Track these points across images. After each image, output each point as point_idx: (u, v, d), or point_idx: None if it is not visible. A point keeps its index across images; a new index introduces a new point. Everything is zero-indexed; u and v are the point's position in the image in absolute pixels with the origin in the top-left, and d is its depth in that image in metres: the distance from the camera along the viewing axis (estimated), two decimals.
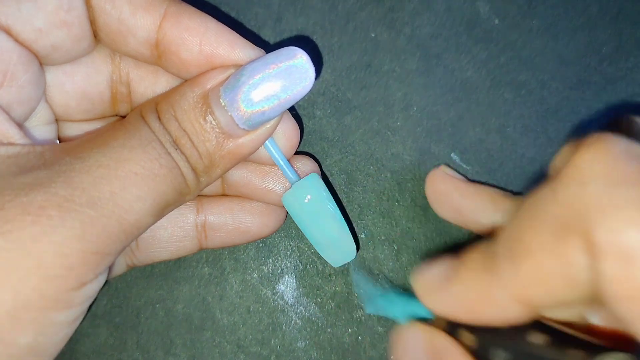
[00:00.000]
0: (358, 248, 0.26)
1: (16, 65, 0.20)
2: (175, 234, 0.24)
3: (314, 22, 0.27)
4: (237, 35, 0.21)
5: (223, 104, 0.20)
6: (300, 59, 0.20)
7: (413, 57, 0.27)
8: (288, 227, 0.27)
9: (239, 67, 0.21)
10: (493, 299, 0.18)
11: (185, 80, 0.22)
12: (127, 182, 0.19)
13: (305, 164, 0.25)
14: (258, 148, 0.22)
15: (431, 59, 0.27)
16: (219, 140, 0.21)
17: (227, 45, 0.21)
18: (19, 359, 0.18)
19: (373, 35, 0.27)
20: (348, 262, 0.26)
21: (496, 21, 0.27)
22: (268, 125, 0.21)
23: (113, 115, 0.24)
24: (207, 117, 0.21)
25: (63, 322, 0.19)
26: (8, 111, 0.20)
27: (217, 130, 0.21)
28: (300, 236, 0.27)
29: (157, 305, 0.27)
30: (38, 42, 0.20)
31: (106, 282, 0.26)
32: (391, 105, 0.27)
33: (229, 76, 0.21)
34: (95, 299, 0.23)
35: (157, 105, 0.21)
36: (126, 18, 0.21)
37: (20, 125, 0.21)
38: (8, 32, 0.20)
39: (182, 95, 0.21)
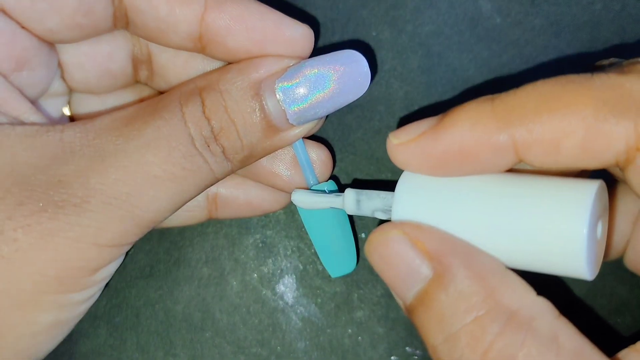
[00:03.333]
0: (358, 261, 0.26)
1: (27, 51, 0.20)
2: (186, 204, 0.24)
3: (314, 20, 0.27)
4: (281, 14, 0.21)
5: (278, 98, 0.20)
6: (361, 65, 0.21)
7: (414, 56, 0.27)
8: (288, 227, 0.27)
9: (295, 61, 0.21)
10: (494, 144, 0.18)
11: (229, 64, 0.21)
12: (145, 184, 0.19)
13: (320, 154, 0.24)
14: (297, 141, 0.22)
15: (433, 58, 0.27)
16: (265, 132, 0.21)
17: (274, 27, 0.20)
18: (42, 334, 0.19)
19: (374, 33, 0.27)
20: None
21: (498, 19, 0.27)
22: (313, 122, 0.22)
23: (134, 83, 0.24)
24: (258, 109, 0.20)
25: (81, 300, 0.20)
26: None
27: (265, 122, 0.20)
28: (301, 236, 0.27)
29: (157, 306, 0.27)
30: (47, 37, 0.20)
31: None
32: (392, 104, 0.27)
33: (285, 68, 0.21)
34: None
35: (201, 93, 0.20)
36: (165, 16, 0.20)
37: (32, 101, 0.21)
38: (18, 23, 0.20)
39: (232, 83, 0.20)
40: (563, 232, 0.17)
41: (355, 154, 0.27)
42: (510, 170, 0.20)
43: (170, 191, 0.19)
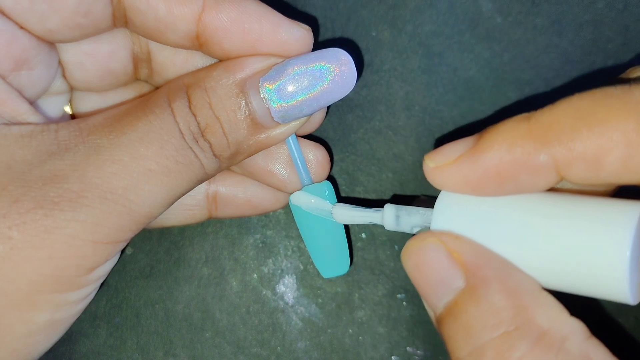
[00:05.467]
0: (351, 264, 0.26)
1: (26, 51, 0.20)
2: (185, 202, 0.24)
3: (314, 20, 0.27)
4: (280, 15, 0.21)
5: (262, 96, 0.20)
6: (347, 64, 0.21)
7: (415, 56, 0.27)
8: (288, 227, 0.27)
9: (281, 59, 0.21)
10: (533, 164, 0.18)
11: (219, 61, 0.22)
12: (141, 178, 0.19)
13: (317, 154, 0.24)
14: (284, 139, 0.22)
15: (433, 58, 0.27)
16: (250, 130, 0.21)
17: (271, 29, 0.21)
18: (38, 333, 0.19)
19: (374, 33, 0.27)
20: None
21: (499, 19, 0.27)
22: (299, 120, 0.22)
23: (134, 81, 0.24)
24: (243, 107, 0.20)
25: (77, 299, 0.20)
26: (20, 92, 0.20)
27: (250, 120, 0.21)
28: (301, 236, 0.27)
29: (157, 306, 0.27)
30: (47, 38, 0.20)
31: (105, 281, 0.26)
32: (393, 104, 0.27)
33: (270, 66, 0.21)
34: (95, 300, 0.23)
35: (188, 89, 0.20)
36: (163, 16, 0.20)
37: (32, 101, 0.21)
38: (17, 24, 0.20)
39: (217, 81, 0.20)
40: (605, 255, 0.17)
41: (356, 154, 0.27)
42: (551, 189, 0.19)
43: (164, 185, 0.20)
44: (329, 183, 0.24)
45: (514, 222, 0.19)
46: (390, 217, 0.22)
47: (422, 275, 0.19)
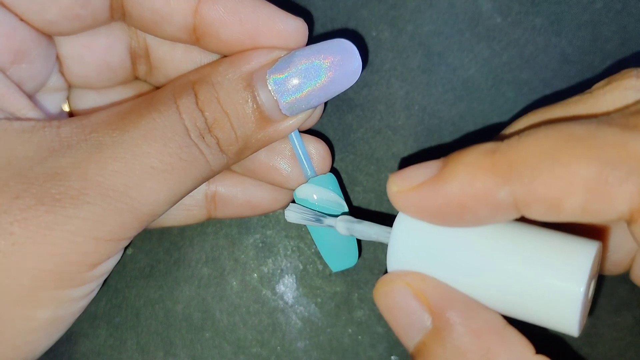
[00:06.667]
0: (360, 255, 0.26)
1: (26, 43, 0.20)
2: (184, 202, 0.24)
3: (314, 20, 0.27)
4: (275, 7, 0.21)
5: (270, 88, 0.20)
6: (353, 53, 0.21)
7: (415, 55, 0.27)
8: (288, 227, 0.27)
9: (287, 52, 0.21)
10: (493, 200, 0.18)
11: (223, 57, 0.22)
12: (143, 176, 0.19)
13: (318, 148, 0.25)
14: (291, 132, 0.22)
15: (433, 57, 0.27)
16: (258, 123, 0.21)
17: (267, 20, 0.21)
18: (40, 330, 0.19)
19: (374, 33, 0.27)
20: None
21: (498, 19, 0.27)
22: (306, 113, 0.22)
23: (133, 79, 0.24)
24: (250, 100, 0.20)
25: (79, 296, 0.20)
26: (19, 86, 0.20)
27: (258, 113, 0.21)
28: (301, 236, 0.27)
29: (157, 306, 0.27)
30: (46, 29, 0.20)
31: (105, 281, 0.26)
32: (392, 104, 0.27)
33: (276, 59, 0.21)
34: (95, 300, 0.23)
35: (194, 85, 0.20)
36: (160, 7, 0.20)
37: (30, 96, 0.21)
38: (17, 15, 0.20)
39: (224, 75, 0.21)
40: (560, 294, 0.18)
41: (355, 153, 0.27)
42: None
43: (167, 183, 0.20)
44: (332, 175, 0.25)
45: (472, 255, 0.19)
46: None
47: (393, 317, 0.20)
